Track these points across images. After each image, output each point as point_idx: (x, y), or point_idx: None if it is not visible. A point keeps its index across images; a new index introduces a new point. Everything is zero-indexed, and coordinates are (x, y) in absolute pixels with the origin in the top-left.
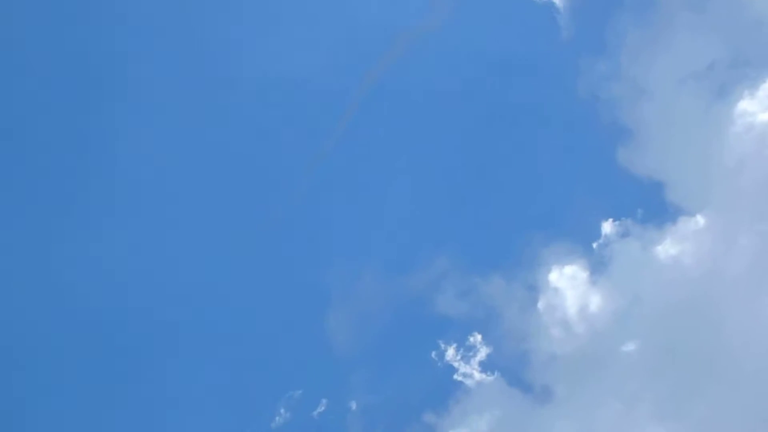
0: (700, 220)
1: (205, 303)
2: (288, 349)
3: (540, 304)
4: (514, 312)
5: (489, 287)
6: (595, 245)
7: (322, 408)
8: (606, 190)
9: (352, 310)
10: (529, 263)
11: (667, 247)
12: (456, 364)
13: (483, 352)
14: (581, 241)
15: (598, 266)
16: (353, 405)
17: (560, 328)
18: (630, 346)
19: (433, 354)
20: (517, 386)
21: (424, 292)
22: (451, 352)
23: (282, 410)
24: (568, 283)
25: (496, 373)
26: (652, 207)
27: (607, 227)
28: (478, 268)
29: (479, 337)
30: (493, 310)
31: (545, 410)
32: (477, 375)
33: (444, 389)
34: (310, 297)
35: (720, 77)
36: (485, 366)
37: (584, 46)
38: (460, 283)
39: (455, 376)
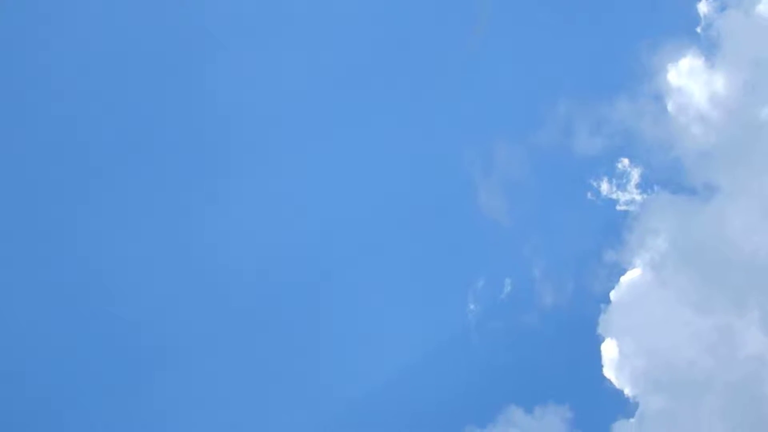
0: None
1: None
2: (451, 241)
3: (670, 108)
4: (649, 126)
5: (617, 113)
6: (698, 29)
7: (508, 288)
8: None
9: (497, 184)
10: (645, 75)
11: None
12: (615, 196)
13: (636, 175)
14: (684, 32)
15: (710, 49)
16: (536, 273)
17: (699, 123)
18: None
19: (589, 194)
20: (680, 193)
21: (559, 141)
22: (605, 186)
23: (471, 305)
24: (688, 78)
25: (656, 188)
26: None
27: (703, 7)
28: (600, 99)
29: (626, 161)
30: (629, 132)
31: (716, 205)
32: (638, 198)
33: (613, 224)
34: (455, 180)
35: None
36: (643, 186)
37: None
38: (588, 120)
39: (618, 207)
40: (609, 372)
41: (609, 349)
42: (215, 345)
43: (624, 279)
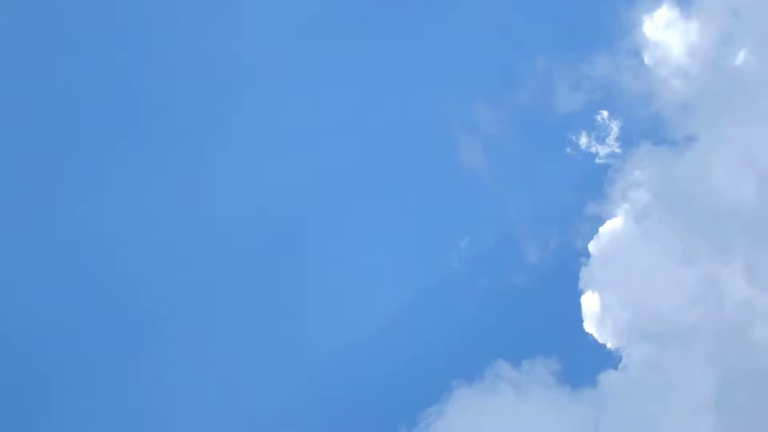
0: None
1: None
2: (434, 200)
3: (648, 61)
4: (627, 80)
5: (595, 68)
6: None
7: (492, 244)
8: None
9: (478, 141)
10: (621, 29)
11: None
12: (594, 149)
13: (615, 128)
14: None
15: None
16: (519, 229)
17: (678, 76)
18: (745, 57)
19: (569, 149)
20: (661, 144)
21: (538, 98)
22: (584, 140)
23: (455, 262)
24: (664, 30)
25: (636, 140)
26: None
27: None
28: (578, 55)
29: (605, 113)
30: (608, 87)
31: (697, 155)
32: (618, 150)
33: (594, 178)
34: (436, 139)
35: None
36: (623, 140)
37: None
38: (567, 76)
39: (598, 161)
40: (590, 326)
41: (590, 303)
42: (202, 294)
43: (606, 231)
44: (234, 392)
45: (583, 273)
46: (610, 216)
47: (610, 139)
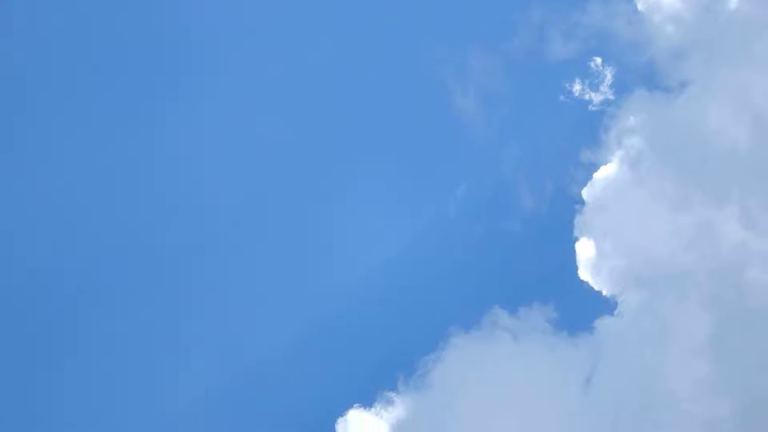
0: None
1: None
2: (430, 149)
3: (641, 7)
4: (622, 27)
5: (589, 16)
6: None
7: (488, 192)
8: None
9: (473, 91)
10: None
11: None
12: (588, 96)
13: (609, 74)
14: None
15: None
16: (514, 177)
17: (672, 22)
18: (738, 1)
19: (562, 97)
20: (655, 90)
21: (532, 47)
22: (578, 87)
23: (452, 211)
24: None
25: (630, 87)
26: None
27: None
28: (572, 4)
29: (599, 60)
30: (602, 34)
31: (692, 101)
32: (612, 97)
33: (587, 124)
34: (431, 89)
35: None
36: (616, 86)
37: None
38: (560, 24)
39: (591, 108)
40: (585, 273)
41: (585, 250)
42: (197, 240)
43: (600, 177)
44: (231, 338)
45: (578, 220)
46: (605, 163)
47: (604, 86)
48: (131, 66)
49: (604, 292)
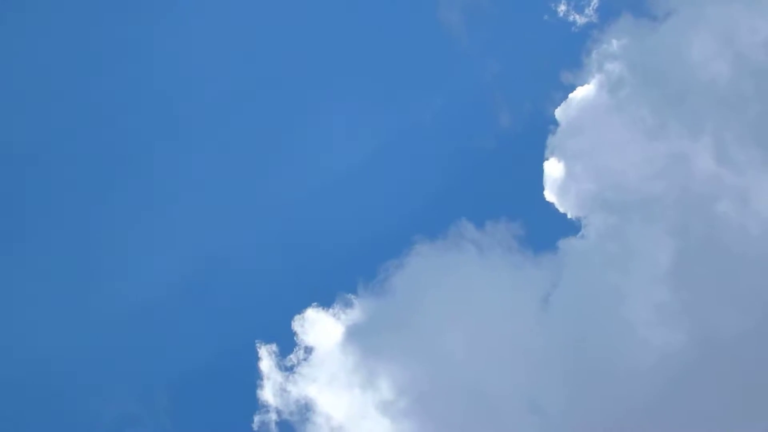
0: None
1: None
2: (411, 59)
3: None
4: None
5: None
6: None
7: (464, 104)
8: None
9: (458, 2)
10: None
11: None
12: (572, 18)
13: None
14: None
15: None
16: (494, 93)
17: None
18: None
19: (546, 17)
20: (640, 17)
21: None
22: (563, 8)
23: (428, 121)
24: None
25: (615, 11)
26: None
27: None
28: None
29: None
30: None
31: (676, 31)
32: (596, 21)
33: (569, 46)
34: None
35: None
36: (602, 11)
37: None
38: None
39: (574, 29)
40: (551, 195)
41: (553, 171)
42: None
43: (576, 98)
44: (193, 233)
45: (550, 140)
46: (583, 85)
47: (590, 9)
48: None
49: (569, 215)
